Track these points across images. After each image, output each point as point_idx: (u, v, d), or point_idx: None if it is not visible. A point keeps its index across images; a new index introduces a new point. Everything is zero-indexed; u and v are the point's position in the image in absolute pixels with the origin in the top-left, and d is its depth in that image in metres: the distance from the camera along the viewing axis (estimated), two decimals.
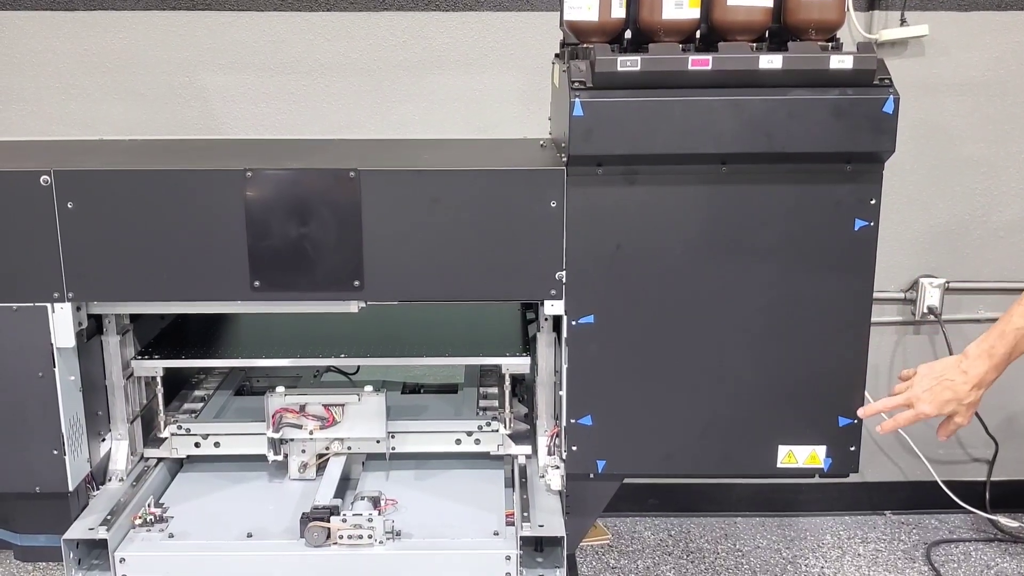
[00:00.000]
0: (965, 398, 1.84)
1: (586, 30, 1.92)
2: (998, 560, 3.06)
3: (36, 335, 1.88)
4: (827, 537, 3.19)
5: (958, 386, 1.83)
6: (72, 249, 1.86)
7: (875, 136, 1.80)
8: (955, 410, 1.85)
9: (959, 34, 2.91)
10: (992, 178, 3.02)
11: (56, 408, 1.91)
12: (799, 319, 1.91)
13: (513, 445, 2.14)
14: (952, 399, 1.84)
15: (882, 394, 1.95)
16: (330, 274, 1.89)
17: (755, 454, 1.98)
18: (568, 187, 1.84)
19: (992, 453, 3.22)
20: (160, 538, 1.92)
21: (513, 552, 1.85)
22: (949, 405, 1.84)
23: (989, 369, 1.83)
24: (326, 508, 1.90)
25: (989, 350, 1.83)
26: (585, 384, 1.94)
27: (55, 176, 1.83)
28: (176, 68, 2.90)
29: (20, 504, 1.99)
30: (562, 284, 1.89)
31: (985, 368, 1.83)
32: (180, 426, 2.14)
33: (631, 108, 1.79)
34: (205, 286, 1.90)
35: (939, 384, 1.84)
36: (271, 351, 2.16)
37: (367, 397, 2.07)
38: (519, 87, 2.92)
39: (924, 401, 1.85)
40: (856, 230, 1.87)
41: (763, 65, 1.79)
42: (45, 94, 2.91)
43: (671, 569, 3.01)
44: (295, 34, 2.89)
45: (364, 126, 2.94)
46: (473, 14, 2.88)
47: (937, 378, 1.85)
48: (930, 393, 1.84)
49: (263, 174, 1.85)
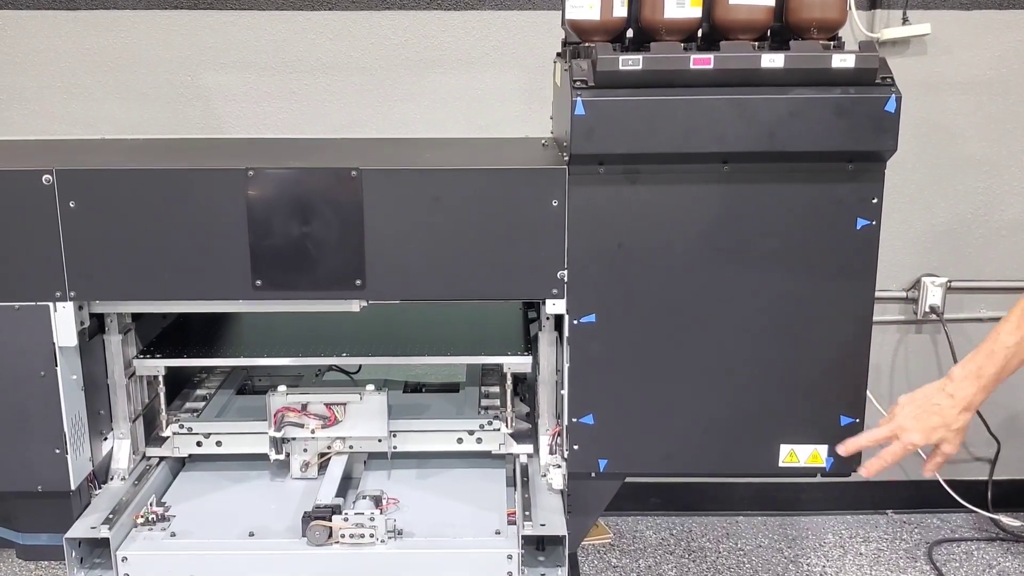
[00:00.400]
0: (953, 423, 1.74)
1: (588, 29, 1.91)
2: (1000, 559, 3.06)
3: (38, 334, 1.88)
4: (829, 536, 3.19)
5: (945, 411, 1.74)
6: (74, 248, 1.86)
7: (877, 135, 1.80)
8: (943, 437, 1.75)
9: (961, 33, 2.91)
10: (994, 177, 3.02)
11: (58, 407, 1.91)
12: (801, 318, 1.91)
13: (515, 444, 2.14)
14: (940, 425, 1.74)
15: (884, 393, 1.95)
16: (332, 273, 1.89)
17: (757, 453, 1.98)
18: (570, 186, 1.84)
19: (994, 452, 3.21)
20: (162, 537, 1.92)
21: (515, 551, 1.85)
22: (937, 432, 1.74)
23: (977, 391, 1.73)
24: (328, 507, 1.90)
25: (977, 371, 1.73)
26: (587, 383, 1.94)
27: (57, 175, 1.83)
28: (178, 67, 2.90)
29: (22, 503, 1.99)
30: (564, 283, 1.89)
31: (973, 390, 1.73)
32: (182, 425, 2.14)
33: (633, 107, 1.79)
34: (207, 285, 1.90)
35: (925, 411, 1.75)
36: (273, 350, 2.17)
37: (369, 396, 2.07)
38: (521, 86, 2.92)
39: (911, 430, 1.75)
40: (858, 229, 1.87)
41: (765, 64, 1.79)
42: (47, 93, 2.91)
43: (673, 568, 3.01)
44: (297, 33, 2.89)
45: (366, 125, 2.95)
46: (475, 13, 2.88)
47: (922, 405, 1.76)
48: (916, 421, 1.75)
49: (265, 173, 1.85)
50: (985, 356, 1.73)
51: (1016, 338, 1.70)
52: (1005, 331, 1.72)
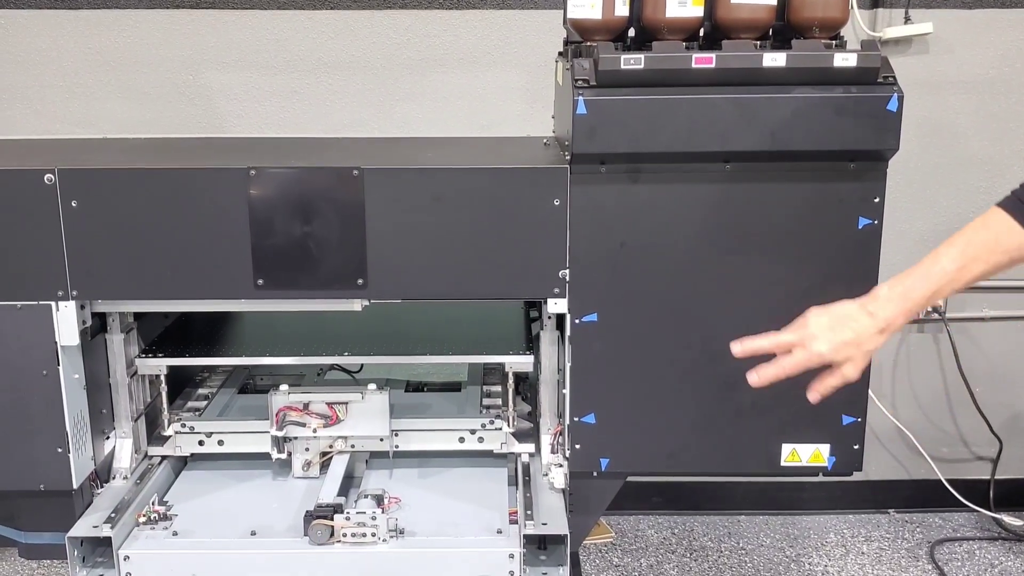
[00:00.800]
0: (867, 343, 1.56)
1: (590, 28, 1.91)
2: (1002, 559, 3.06)
3: (40, 333, 1.88)
4: (831, 535, 3.19)
5: (862, 328, 1.56)
6: (76, 247, 1.86)
7: (879, 134, 1.80)
8: (850, 356, 1.57)
9: (963, 31, 2.91)
10: (996, 176, 3.02)
11: (60, 406, 1.91)
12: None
13: (516, 443, 2.14)
14: (852, 341, 1.56)
15: (885, 393, 1.95)
16: (333, 272, 1.89)
17: (758, 452, 1.98)
18: (571, 185, 1.84)
19: (996, 451, 3.21)
20: (164, 536, 1.92)
21: (516, 550, 1.85)
22: (847, 348, 1.56)
23: (900, 313, 1.57)
24: (330, 506, 1.90)
25: (905, 292, 1.57)
26: (588, 382, 1.94)
27: (59, 175, 1.83)
28: (180, 66, 2.90)
29: (24, 502, 2.00)
30: (565, 282, 1.89)
31: (896, 311, 1.57)
32: (184, 424, 2.14)
33: (635, 106, 1.79)
34: (209, 284, 1.90)
35: (840, 324, 1.57)
36: (275, 349, 2.17)
37: (371, 395, 2.07)
38: (522, 85, 2.92)
39: (820, 339, 1.56)
40: (860, 228, 1.87)
41: (767, 63, 1.79)
42: (49, 92, 2.91)
43: (674, 567, 3.00)
44: (299, 32, 2.89)
45: (367, 124, 2.95)
46: (476, 12, 2.88)
47: (837, 318, 1.58)
48: (828, 331, 1.57)
49: (267, 172, 1.85)
50: (919, 278, 1.58)
51: (957, 265, 1.57)
52: (948, 256, 1.58)
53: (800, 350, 1.58)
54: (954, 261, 1.57)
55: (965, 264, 1.57)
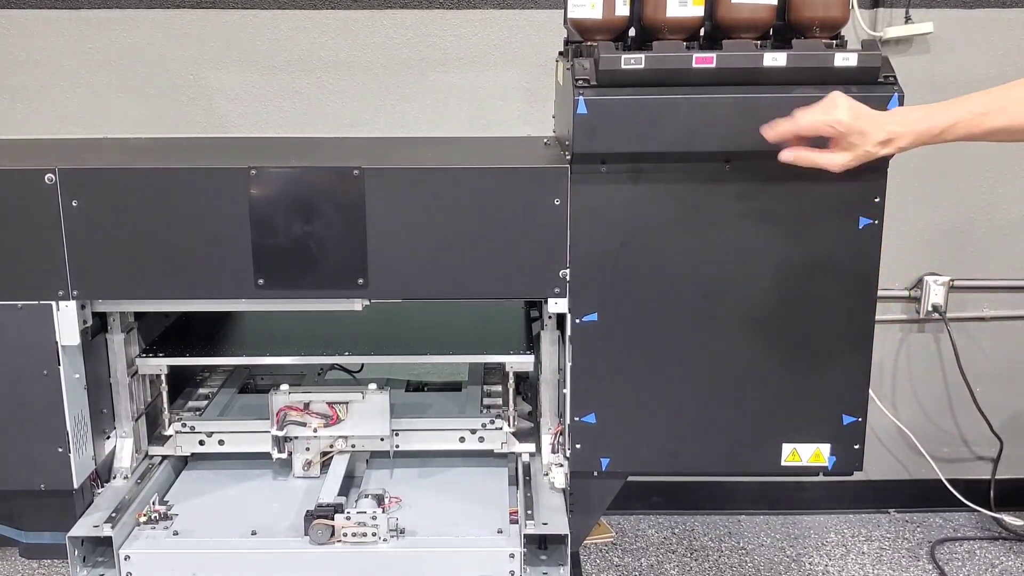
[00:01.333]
0: (875, 134, 1.61)
1: (590, 28, 1.91)
2: (1002, 559, 3.06)
3: (41, 333, 1.88)
4: (831, 535, 3.19)
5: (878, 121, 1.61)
6: (76, 247, 1.86)
7: None
8: (852, 145, 1.62)
9: (964, 31, 2.90)
10: (997, 176, 3.01)
11: (61, 406, 1.91)
12: (803, 317, 1.91)
13: (517, 443, 2.14)
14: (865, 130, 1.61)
15: (886, 393, 1.95)
16: (334, 272, 1.89)
17: (759, 452, 1.98)
18: (572, 185, 1.84)
19: (997, 451, 3.21)
20: (164, 535, 1.92)
21: (517, 550, 1.85)
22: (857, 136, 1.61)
23: (909, 133, 1.61)
24: (330, 506, 1.90)
25: (924, 117, 1.61)
26: (589, 382, 1.94)
27: (59, 174, 1.83)
28: (180, 66, 2.90)
29: (25, 501, 1.99)
30: (566, 282, 1.89)
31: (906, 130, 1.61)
32: (184, 424, 2.14)
33: (635, 106, 1.79)
34: (209, 284, 1.90)
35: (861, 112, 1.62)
36: (275, 349, 2.17)
37: (371, 395, 2.07)
38: (523, 85, 2.92)
39: (841, 109, 1.61)
40: (860, 228, 1.87)
41: (767, 63, 1.79)
42: (49, 92, 2.91)
43: (675, 567, 3.00)
44: (299, 32, 2.89)
45: (368, 124, 2.95)
46: (477, 12, 2.88)
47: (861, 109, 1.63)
48: (850, 110, 1.61)
49: (267, 172, 1.85)
50: (942, 109, 1.62)
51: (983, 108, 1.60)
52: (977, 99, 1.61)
53: (820, 113, 1.62)
54: (982, 104, 1.60)
55: (990, 111, 1.60)
